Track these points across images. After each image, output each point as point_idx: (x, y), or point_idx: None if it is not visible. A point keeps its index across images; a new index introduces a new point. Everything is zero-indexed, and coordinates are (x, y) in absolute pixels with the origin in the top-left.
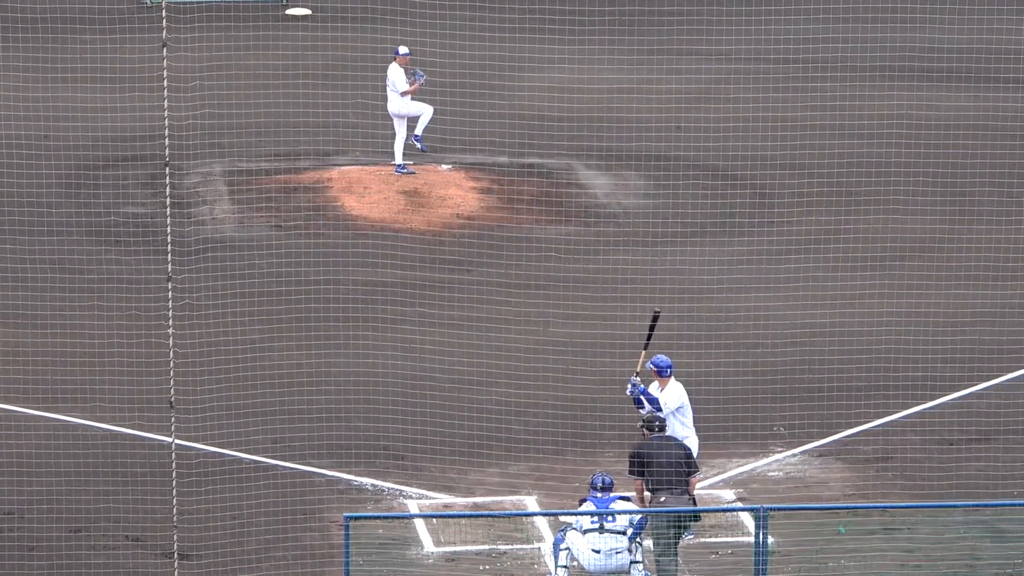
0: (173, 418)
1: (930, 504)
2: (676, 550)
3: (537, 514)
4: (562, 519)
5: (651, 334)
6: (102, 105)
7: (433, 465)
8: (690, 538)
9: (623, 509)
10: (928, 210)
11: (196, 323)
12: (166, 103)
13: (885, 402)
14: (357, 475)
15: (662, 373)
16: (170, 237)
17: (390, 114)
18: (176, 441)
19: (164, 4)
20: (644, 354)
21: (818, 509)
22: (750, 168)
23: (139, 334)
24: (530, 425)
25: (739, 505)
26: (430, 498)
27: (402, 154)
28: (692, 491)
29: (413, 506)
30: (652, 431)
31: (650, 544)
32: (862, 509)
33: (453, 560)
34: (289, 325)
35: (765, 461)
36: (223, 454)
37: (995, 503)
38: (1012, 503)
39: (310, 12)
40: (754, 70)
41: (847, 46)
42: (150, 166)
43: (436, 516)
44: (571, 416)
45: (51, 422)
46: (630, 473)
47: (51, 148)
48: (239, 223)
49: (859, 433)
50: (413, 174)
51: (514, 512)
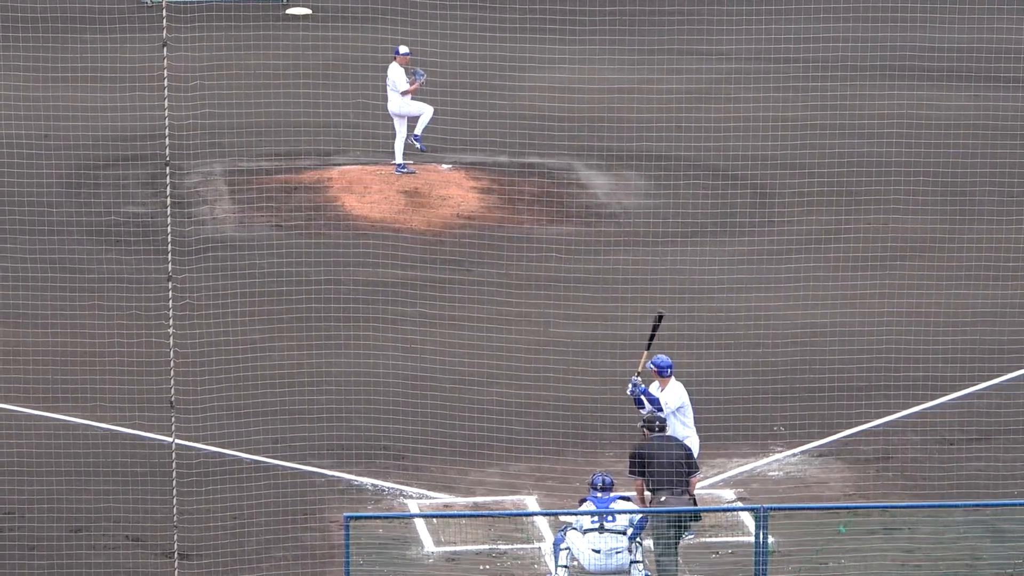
0: (173, 418)
1: (930, 504)
2: (676, 550)
3: (537, 514)
4: (562, 519)
5: (654, 335)
6: (102, 105)
7: (433, 465)
8: (690, 538)
9: (623, 509)
10: (928, 210)
11: (196, 323)
12: (166, 103)
13: (885, 402)
14: (357, 475)
15: (662, 373)
16: (170, 237)
17: (390, 114)
18: (176, 441)
19: (164, 4)
20: (646, 354)
21: (818, 509)
22: (750, 168)
23: (139, 334)
24: (530, 425)
25: (739, 505)
26: (430, 498)
27: (402, 154)
28: (692, 491)
29: (413, 506)
30: (652, 431)
31: (650, 544)
32: (862, 509)
33: (453, 560)
34: (289, 325)
35: (765, 461)
36: (223, 454)
37: (995, 503)
38: (1012, 503)
39: (310, 12)
40: (754, 70)
41: (847, 46)
42: (150, 166)
43: (436, 516)
44: (571, 416)
45: (51, 422)
46: (630, 473)
47: (51, 148)
48: (239, 223)
49: (859, 433)
50: (413, 174)
51: (514, 512)
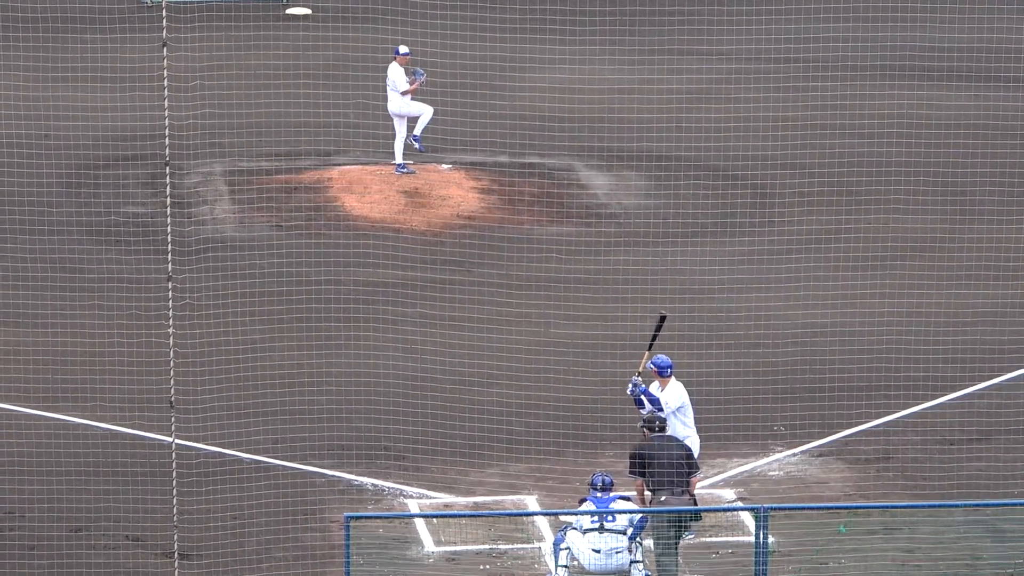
0: (173, 418)
1: (930, 504)
2: (677, 550)
3: (537, 514)
4: (562, 519)
5: (656, 335)
6: (102, 105)
7: (433, 465)
8: (690, 538)
9: (623, 509)
10: (928, 210)
11: (196, 323)
12: (166, 103)
13: (885, 402)
14: (357, 475)
15: (662, 373)
16: (170, 237)
17: (390, 114)
18: (176, 441)
19: (164, 4)
20: (647, 355)
21: (818, 509)
22: (750, 168)
23: (139, 334)
24: (530, 425)
25: (739, 505)
26: (430, 498)
27: (402, 154)
28: (692, 491)
29: (413, 506)
30: (653, 431)
31: (650, 544)
32: (862, 509)
33: (453, 560)
34: (289, 325)
35: (765, 461)
36: (223, 454)
37: (995, 503)
38: (1012, 503)
39: (310, 12)
40: (754, 70)
41: (847, 46)
42: (150, 166)
43: (436, 516)
44: (571, 416)
45: (51, 422)
46: (631, 473)
47: (51, 148)
48: (239, 223)
49: (859, 433)
50: (413, 174)
51: (514, 512)
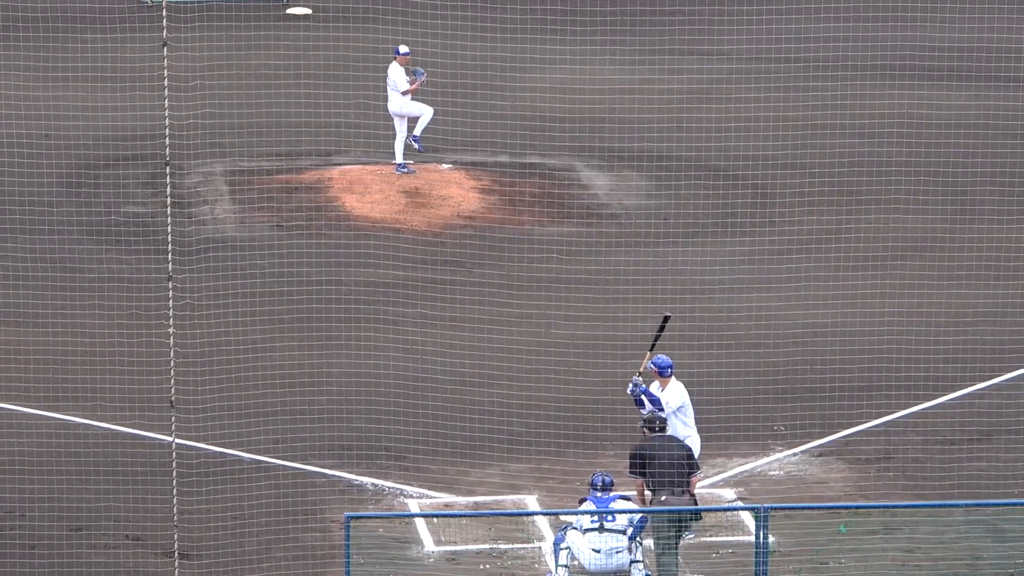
0: (174, 418)
1: (931, 504)
2: (677, 550)
3: (537, 513)
4: (562, 518)
5: (659, 335)
6: (102, 105)
7: (434, 465)
8: (691, 537)
9: (623, 508)
10: (928, 210)
11: (197, 323)
12: (166, 103)
13: (886, 401)
14: (358, 475)
15: (663, 373)
16: (171, 237)
17: (390, 113)
18: (177, 441)
19: (164, 3)
20: (649, 355)
21: (819, 508)
22: (751, 168)
23: (140, 334)
24: (531, 425)
25: (740, 504)
26: (431, 497)
27: (403, 153)
28: (693, 490)
29: (414, 505)
30: (653, 431)
31: (651, 543)
32: (863, 508)
33: (454, 559)
34: (290, 325)
35: (766, 460)
36: (224, 454)
37: (996, 503)
38: (1013, 503)
39: (310, 11)
40: (754, 70)
41: (847, 46)
42: (151, 165)
43: (437, 515)
44: (572, 416)
45: (52, 421)
46: (631, 473)
47: (51, 148)
48: (240, 223)
49: (860, 432)
50: (414, 173)
51: (515, 511)
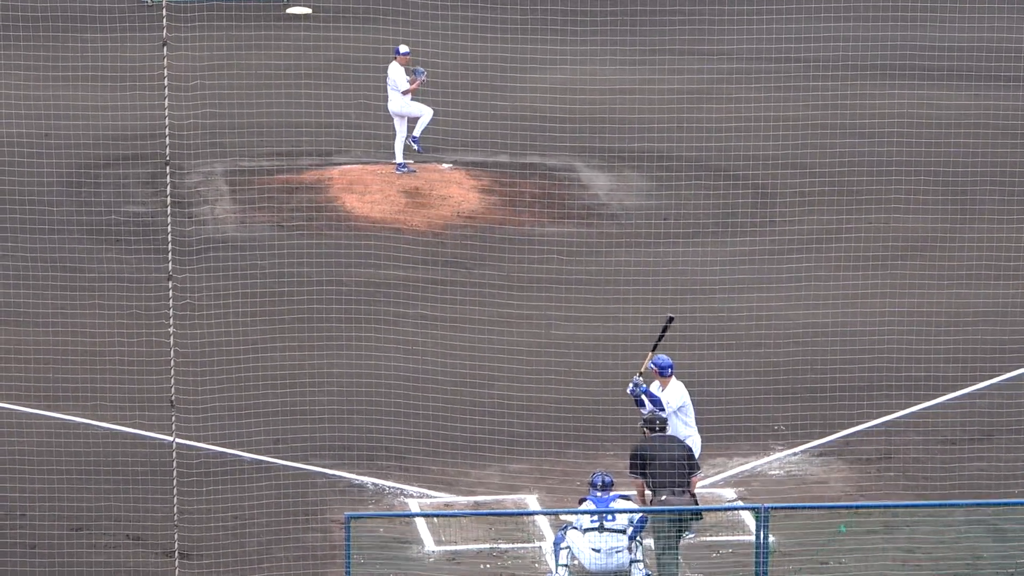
0: (174, 417)
1: (931, 503)
2: (677, 549)
3: (538, 513)
4: (562, 518)
5: (663, 335)
6: (102, 105)
7: (434, 464)
8: (691, 537)
9: (623, 508)
10: (928, 210)
11: (197, 322)
12: (167, 102)
13: (886, 401)
14: (358, 474)
15: (663, 373)
16: (171, 236)
17: (391, 113)
18: (177, 440)
19: (164, 3)
20: (650, 355)
21: (819, 508)
22: (751, 168)
23: (140, 334)
24: (531, 425)
25: (740, 504)
26: (431, 497)
27: (403, 153)
28: (693, 490)
29: (414, 505)
30: (653, 431)
31: (651, 543)
32: (863, 508)
33: (454, 559)
34: (290, 324)
35: (766, 460)
36: (224, 453)
37: (996, 502)
38: (1013, 502)
39: (311, 11)
40: (754, 70)
41: (847, 46)
42: (151, 165)
43: (437, 515)
44: (572, 416)
45: (52, 421)
46: (631, 472)
47: (51, 148)
48: (240, 222)
49: (860, 432)
50: (414, 173)
51: (515, 511)
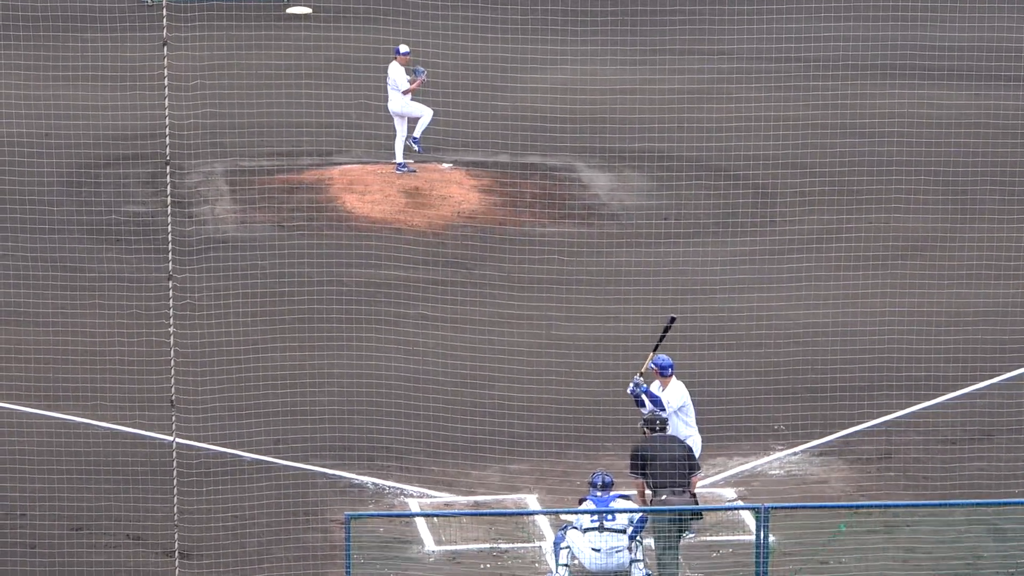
0: (174, 417)
1: (931, 503)
2: (677, 549)
3: (538, 513)
4: (563, 518)
5: (665, 335)
6: (102, 105)
7: (434, 464)
8: (691, 537)
9: (623, 508)
10: (928, 210)
11: (197, 322)
12: (167, 102)
13: (887, 401)
14: (358, 474)
15: (664, 372)
16: (171, 236)
17: (391, 113)
18: (177, 440)
19: (164, 3)
20: (651, 355)
21: (819, 508)
22: (751, 168)
23: (140, 333)
24: (531, 425)
25: (740, 504)
26: (431, 497)
27: (403, 153)
28: (693, 490)
29: (414, 505)
30: (653, 430)
31: (651, 543)
32: (863, 508)
33: (454, 559)
34: (290, 324)
35: (766, 459)
36: (224, 453)
37: (997, 502)
38: (1014, 502)
39: (311, 11)
40: (754, 70)
41: (847, 46)
42: (151, 165)
43: (437, 515)
44: (572, 416)
45: (52, 421)
46: (631, 472)
47: (51, 148)
48: (240, 222)
49: (860, 432)
50: (414, 172)
51: (515, 511)
